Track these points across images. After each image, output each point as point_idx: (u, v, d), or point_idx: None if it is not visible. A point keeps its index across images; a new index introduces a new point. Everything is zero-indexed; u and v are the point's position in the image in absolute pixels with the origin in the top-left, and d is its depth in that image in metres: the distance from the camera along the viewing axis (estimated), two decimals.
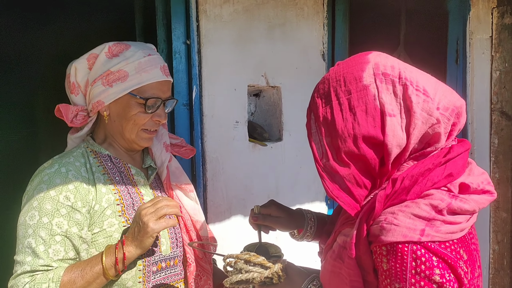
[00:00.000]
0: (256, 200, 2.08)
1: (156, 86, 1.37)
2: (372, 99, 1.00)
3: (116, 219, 1.32)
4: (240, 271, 1.24)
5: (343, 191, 1.03)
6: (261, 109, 2.23)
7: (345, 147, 1.01)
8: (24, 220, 1.25)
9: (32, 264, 1.22)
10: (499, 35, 2.79)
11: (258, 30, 2.01)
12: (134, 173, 1.42)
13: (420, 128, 1.00)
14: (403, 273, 0.94)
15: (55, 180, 1.28)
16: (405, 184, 0.99)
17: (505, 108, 2.85)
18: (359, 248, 1.00)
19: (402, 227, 0.95)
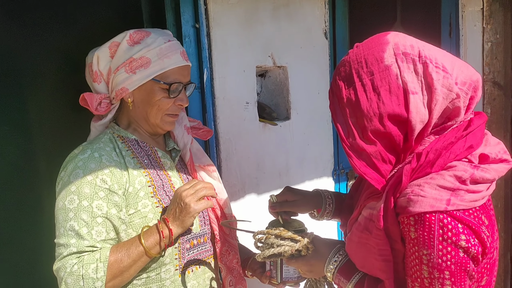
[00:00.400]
0: (268, 178, 2.14)
1: (178, 71, 1.41)
2: (395, 79, 1.04)
3: (149, 200, 1.37)
4: (271, 245, 1.32)
5: (369, 168, 1.08)
6: (267, 89, 2.27)
7: (372, 126, 1.06)
8: (64, 204, 1.29)
9: (78, 245, 1.26)
10: (490, 7, 2.86)
11: (263, 11, 2.03)
12: (160, 156, 1.47)
13: (441, 104, 1.05)
14: (430, 240, 0.99)
15: (90, 165, 1.32)
16: (430, 158, 1.04)
17: (497, 78, 2.95)
18: (387, 220, 1.06)
19: (429, 198, 1.00)
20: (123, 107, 1.46)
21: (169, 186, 1.44)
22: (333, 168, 2.39)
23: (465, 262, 1.01)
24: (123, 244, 1.30)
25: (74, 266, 1.24)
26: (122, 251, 1.27)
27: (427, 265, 1.01)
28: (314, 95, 2.26)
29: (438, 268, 1.00)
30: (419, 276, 1.03)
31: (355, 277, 1.20)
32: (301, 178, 2.26)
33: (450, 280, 1.00)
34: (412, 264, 1.04)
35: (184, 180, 1.51)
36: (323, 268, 1.26)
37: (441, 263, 0.99)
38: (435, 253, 0.99)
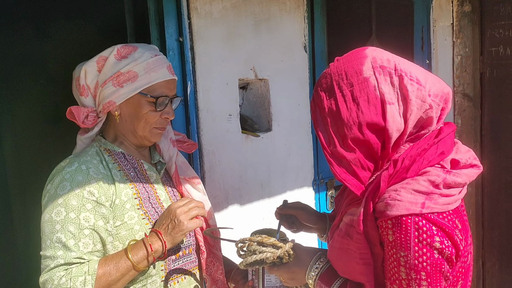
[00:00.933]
0: (250, 189, 2.18)
1: (164, 84, 1.44)
2: (373, 90, 1.11)
3: (136, 212, 1.39)
4: (254, 252, 1.32)
5: (349, 174, 1.13)
6: (249, 102, 2.31)
7: (351, 134, 1.11)
8: (50, 217, 1.29)
9: (65, 257, 1.26)
10: (459, 22, 3.00)
11: (245, 25, 2.08)
12: (147, 169, 1.49)
13: (416, 114, 1.12)
14: (407, 242, 1.05)
15: (77, 177, 1.33)
16: (405, 164, 1.11)
17: (466, 90, 3.08)
18: (366, 224, 1.11)
19: (405, 201, 1.06)
20: (109, 120, 1.48)
21: (155, 198, 1.46)
22: (313, 178, 2.45)
23: (440, 263, 1.06)
24: (111, 257, 1.30)
25: (61, 278, 1.24)
26: (111, 264, 1.28)
27: (405, 267, 1.06)
28: (294, 107, 2.31)
29: (415, 269, 1.05)
30: (398, 278, 1.07)
31: (336, 283, 1.23)
32: (282, 188, 2.30)
33: (426, 280, 1.05)
34: (390, 266, 1.09)
35: (169, 192, 1.53)
36: (305, 275, 1.29)
37: (417, 264, 1.05)
38: (411, 254, 1.04)
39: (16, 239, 2.80)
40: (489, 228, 3.12)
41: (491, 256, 3.13)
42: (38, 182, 2.37)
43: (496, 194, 3.04)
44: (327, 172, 2.55)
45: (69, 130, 1.63)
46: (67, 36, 2.54)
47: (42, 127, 2.76)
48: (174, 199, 1.53)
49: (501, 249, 3.08)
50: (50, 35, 2.64)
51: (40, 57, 2.70)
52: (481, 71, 3.02)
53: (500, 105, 2.99)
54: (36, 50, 2.66)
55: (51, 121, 2.75)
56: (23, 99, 2.73)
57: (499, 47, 2.92)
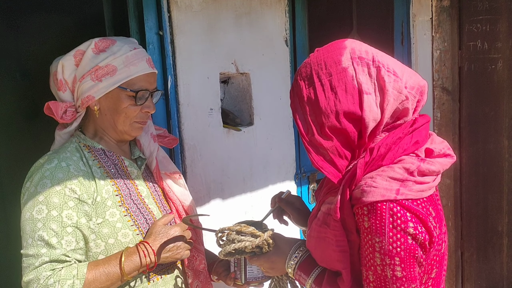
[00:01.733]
0: (232, 183, 2.18)
1: (144, 78, 1.42)
2: (351, 80, 1.13)
3: (117, 209, 1.38)
4: (232, 241, 1.33)
5: (327, 162, 1.16)
6: (230, 96, 2.31)
7: (329, 122, 1.14)
8: (31, 215, 1.27)
9: (50, 254, 1.24)
10: (438, 17, 3.04)
11: (226, 19, 2.07)
12: (127, 165, 1.48)
13: (392, 104, 1.14)
14: (382, 228, 1.07)
15: (57, 174, 1.31)
16: (381, 152, 1.13)
17: (445, 84, 3.13)
18: (343, 211, 1.13)
19: (380, 188, 1.08)
20: (89, 115, 1.46)
21: (137, 195, 1.45)
22: (295, 172, 2.46)
23: (414, 249, 1.08)
24: (102, 263, 1.30)
25: (49, 279, 1.22)
26: (100, 269, 1.28)
27: (379, 252, 1.08)
28: (276, 101, 2.32)
29: (389, 254, 1.07)
30: (373, 264, 1.10)
31: (314, 272, 1.25)
32: (264, 182, 2.31)
33: (400, 266, 1.08)
34: (366, 253, 1.11)
35: (150, 188, 1.52)
36: (284, 264, 1.31)
37: (391, 249, 1.07)
38: (386, 240, 1.06)
39: None
40: (467, 219, 3.18)
41: (470, 246, 3.20)
42: (15, 179, 2.33)
43: (474, 186, 3.10)
44: (309, 166, 2.56)
45: (47, 126, 1.60)
46: (42, 30, 2.49)
47: (19, 123, 2.71)
48: (155, 194, 1.53)
49: (478, 239, 3.15)
50: (24, 29, 2.59)
51: (14, 52, 2.65)
52: (460, 65, 3.07)
53: (477, 98, 3.05)
54: (10, 44, 2.60)
55: (28, 117, 2.70)
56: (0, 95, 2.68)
57: (477, 41, 2.97)
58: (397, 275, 1.08)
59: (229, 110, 2.27)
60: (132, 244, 1.37)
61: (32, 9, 2.40)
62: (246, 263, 1.43)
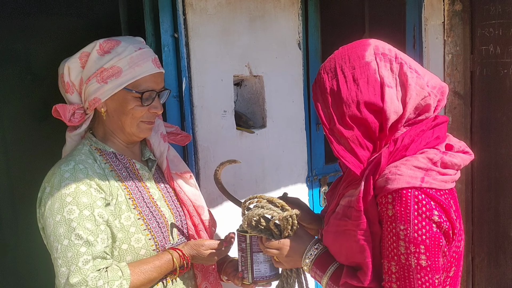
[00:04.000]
0: (245, 185, 2.18)
1: (150, 78, 1.41)
2: (373, 73, 1.17)
3: (132, 212, 1.37)
4: (262, 207, 1.31)
5: (348, 152, 1.18)
6: (243, 98, 2.32)
7: (349, 111, 1.17)
8: (63, 216, 1.26)
9: (91, 252, 1.24)
10: (450, 21, 3.04)
11: (240, 22, 2.08)
12: (138, 168, 1.47)
13: (415, 99, 1.18)
14: (407, 215, 1.08)
15: (78, 175, 1.31)
16: (405, 142, 1.16)
17: (457, 88, 3.12)
18: (366, 201, 1.15)
19: (405, 175, 1.10)
20: (98, 117, 1.46)
21: (148, 197, 1.45)
22: (307, 175, 2.46)
23: (438, 237, 1.09)
24: (140, 264, 1.34)
25: (98, 280, 1.23)
26: (141, 268, 1.33)
27: (404, 240, 1.08)
28: (289, 104, 2.33)
29: (414, 242, 1.07)
30: (396, 254, 1.10)
31: (330, 268, 1.25)
32: (276, 184, 2.31)
33: (425, 254, 1.08)
34: (389, 243, 1.11)
35: (162, 190, 1.51)
36: (301, 256, 1.29)
37: (416, 237, 1.07)
38: (411, 227, 1.07)
39: (4, 238, 2.77)
40: (478, 224, 3.16)
41: (480, 251, 3.17)
42: (26, 180, 2.35)
43: (486, 190, 3.08)
44: (321, 169, 2.57)
45: (57, 128, 1.61)
46: (54, 32, 2.51)
47: (29, 125, 2.73)
48: (167, 196, 1.52)
49: (489, 245, 3.13)
50: (35, 31, 2.60)
51: (24, 54, 2.66)
52: (472, 69, 3.06)
53: (489, 103, 3.03)
54: (21, 46, 2.62)
55: (39, 119, 2.72)
56: (9, 96, 2.69)
57: (489, 45, 2.96)
58: (422, 264, 1.08)
59: (242, 112, 2.28)
60: (145, 249, 1.37)
61: (43, 11, 2.42)
62: (254, 262, 1.42)
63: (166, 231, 1.44)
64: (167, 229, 1.45)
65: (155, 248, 1.40)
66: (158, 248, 1.40)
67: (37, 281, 2.35)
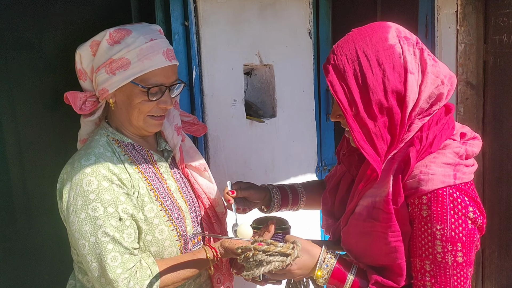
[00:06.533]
0: (254, 175, 2.18)
1: (160, 72, 1.35)
2: (398, 57, 1.12)
3: (154, 204, 1.37)
4: (260, 263, 1.22)
5: (367, 143, 1.13)
6: (253, 87, 2.31)
7: (376, 99, 1.11)
8: (87, 214, 1.26)
9: (118, 250, 1.26)
10: (463, 10, 2.99)
11: (251, 10, 2.07)
12: (156, 159, 1.46)
13: (429, 87, 1.14)
14: (443, 215, 1.08)
15: (100, 171, 1.29)
16: (430, 139, 1.15)
17: (469, 78, 3.08)
18: (396, 203, 1.12)
19: (438, 175, 1.09)
20: (110, 107, 1.43)
21: (166, 189, 1.44)
22: (317, 165, 2.45)
23: (473, 233, 1.10)
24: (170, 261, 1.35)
25: (129, 282, 1.25)
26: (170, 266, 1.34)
27: (441, 240, 1.09)
28: (299, 93, 2.31)
29: (452, 240, 1.08)
30: (431, 253, 1.10)
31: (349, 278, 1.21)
32: (286, 174, 2.31)
33: (461, 251, 1.08)
34: (423, 243, 1.11)
35: (177, 181, 1.50)
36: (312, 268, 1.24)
37: (454, 235, 1.08)
38: (448, 226, 1.07)
39: (16, 227, 2.80)
40: (489, 216, 3.10)
41: (491, 243, 3.15)
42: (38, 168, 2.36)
43: (497, 182, 3.05)
44: (330, 159, 2.55)
45: (69, 116, 1.61)
46: (66, 20, 2.50)
47: (42, 112, 2.74)
48: (182, 187, 1.50)
49: (501, 237, 3.10)
50: (48, 19, 2.60)
51: (37, 42, 2.67)
52: (484, 59, 3.01)
53: (502, 94, 2.98)
54: (33, 35, 2.62)
55: (51, 107, 2.73)
56: (22, 84, 2.70)
57: (503, 35, 2.90)
58: (459, 261, 1.09)
59: (252, 102, 2.27)
60: (169, 240, 1.37)
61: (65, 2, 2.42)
62: None
63: (183, 224, 1.44)
64: (184, 222, 1.44)
65: (178, 238, 1.40)
66: (180, 238, 1.40)
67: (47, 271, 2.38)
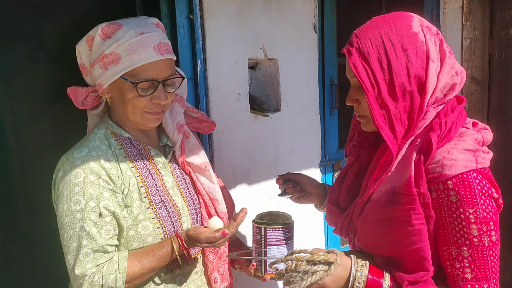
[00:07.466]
0: (258, 169, 2.18)
1: (151, 67, 1.31)
2: (421, 45, 1.15)
3: (142, 201, 1.36)
4: (306, 273, 1.19)
5: (387, 124, 1.16)
6: (257, 81, 2.30)
7: (399, 82, 1.15)
8: (69, 206, 1.27)
9: (91, 246, 1.26)
10: (469, 4, 2.97)
11: (255, 4, 2.06)
12: (154, 155, 1.44)
13: (445, 77, 1.17)
14: (473, 197, 1.09)
15: (89, 164, 1.29)
16: (448, 126, 1.18)
17: (474, 74, 3.06)
18: (419, 187, 1.14)
19: (461, 160, 1.12)
20: None
21: (161, 185, 1.42)
22: (320, 160, 2.45)
23: (497, 211, 1.14)
24: (139, 254, 1.33)
25: (94, 276, 1.25)
26: (140, 259, 1.31)
27: (476, 223, 1.10)
28: (303, 87, 2.31)
29: (485, 221, 1.10)
30: (468, 238, 1.11)
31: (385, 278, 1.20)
32: (290, 168, 2.30)
33: (494, 230, 1.12)
34: (456, 229, 1.13)
35: (177, 177, 1.49)
36: (346, 281, 1.22)
37: (486, 216, 1.10)
38: (480, 208, 1.10)
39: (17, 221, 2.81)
40: None
41: None
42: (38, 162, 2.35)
43: (502, 177, 3.03)
44: (334, 154, 2.55)
45: (69, 109, 1.60)
46: (68, 12, 2.49)
47: (41, 106, 2.72)
48: (182, 184, 1.49)
49: (506, 232, 3.06)
50: (47, 10, 2.58)
51: (36, 33, 2.64)
52: (490, 53, 3.00)
53: (507, 88, 2.97)
54: (32, 25, 2.60)
55: (51, 100, 2.71)
56: (21, 77, 2.68)
57: (509, 29, 2.89)
58: (493, 240, 1.11)
59: (256, 96, 2.26)
60: (152, 236, 1.36)
61: None
62: (267, 255, 1.41)
63: (177, 220, 1.41)
64: (178, 218, 1.42)
65: (163, 236, 1.38)
66: (166, 237, 1.38)
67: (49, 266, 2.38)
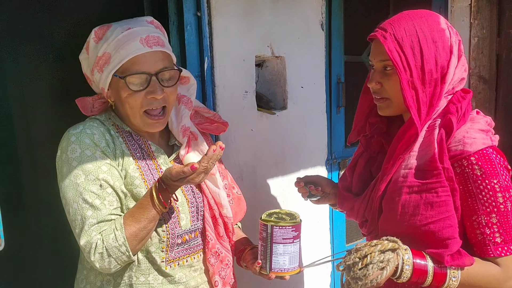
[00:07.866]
0: (264, 167, 2.18)
1: (139, 60, 1.29)
2: (447, 40, 1.32)
3: (145, 190, 1.35)
4: (382, 261, 1.20)
5: (415, 104, 1.31)
6: (264, 79, 2.30)
7: (428, 69, 1.29)
8: (70, 181, 1.28)
9: (96, 216, 1.26)
10: (477, 3, 2.95)
11: (263, 1, 2.05)
12: (154, 150, 1.44)
13: (460, 71, 1.34)
14: (495, 169, 1.24)
15: (84, 140, 1.31)
16: (463, 110, 1.32)
17: (482, 72, 3.05)
18: (443, 162, 1.27)
19: (479, 138, 1.28)
20: None
21: None
22: (327, 158, 2.45)
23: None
24: (132, 210, 1.31)
25: (98, 240, 1.25)
26: (133, 214, 1.29)
27: (501, 192, 1.25)
28: (310, 85, 2.30)
29: (507, 189, 1.26)
30: (496, 206, 1.25)
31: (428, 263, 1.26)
32: (296, 166, 2.30)
33: None
34: (485, 199, 1.26)
35: None
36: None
37: (507, 184, 1.26)
38: (501, 178, 1.25)
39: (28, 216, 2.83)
40: None
41: None
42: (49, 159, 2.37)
43: None
44: (340, 152, 2.55)
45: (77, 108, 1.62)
46: (77, 10, 2.50)
47: (52, 104, 2.75)
48: None
49: None
50: (58, 10, 2.59)
51: (47, 33, 2.66)
52: (498, 52, 2.98)
53: None
54: (43, 25, 2.62)
55: (61, 99, 2.73)
56: (32, 75, 2.71)
57: None
58: None
59: (263, 93, 2.26)
60: None
61: None
62: (273, 253, 1.40)
63: (175, 216, 1.40)
64: (177, 215, 1.41)
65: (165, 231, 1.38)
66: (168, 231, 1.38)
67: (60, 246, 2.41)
